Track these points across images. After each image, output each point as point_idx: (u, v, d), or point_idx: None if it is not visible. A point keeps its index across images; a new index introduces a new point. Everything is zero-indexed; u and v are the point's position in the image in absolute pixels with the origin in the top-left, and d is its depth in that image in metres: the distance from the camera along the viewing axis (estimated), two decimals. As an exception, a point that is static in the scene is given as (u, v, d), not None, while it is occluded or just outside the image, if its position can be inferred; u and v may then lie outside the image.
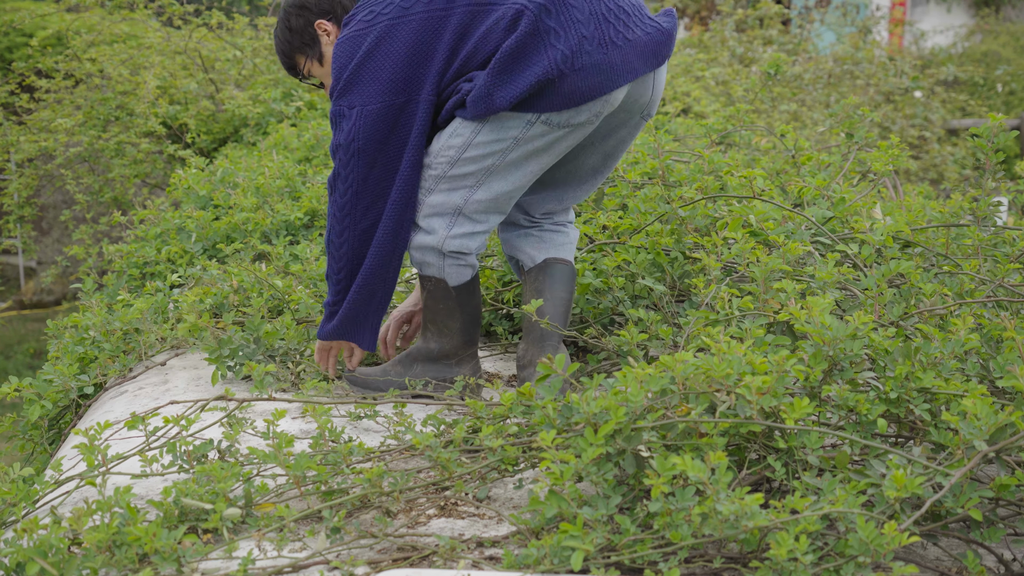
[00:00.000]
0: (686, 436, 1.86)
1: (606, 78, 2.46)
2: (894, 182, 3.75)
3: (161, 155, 7.16)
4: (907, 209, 3.22)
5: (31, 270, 10.44)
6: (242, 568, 1.76)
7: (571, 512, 1.75)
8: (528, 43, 2.41)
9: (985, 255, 2.80)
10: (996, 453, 1.83)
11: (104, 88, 7.15)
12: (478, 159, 2.52)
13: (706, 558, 1.78)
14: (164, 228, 4.02)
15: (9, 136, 7.31)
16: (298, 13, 2.75)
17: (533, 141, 2.51)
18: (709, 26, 11.05)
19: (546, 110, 2.46)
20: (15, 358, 8.61)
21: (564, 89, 2.43)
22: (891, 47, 13.43)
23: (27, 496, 2.01)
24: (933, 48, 14.12)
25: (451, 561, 1.82)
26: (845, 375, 1.97)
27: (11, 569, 1.75)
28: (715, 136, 3.91)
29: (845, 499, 1.68)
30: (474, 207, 2.57)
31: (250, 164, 4.76)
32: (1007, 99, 12.68)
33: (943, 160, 8.70)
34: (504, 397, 2.08)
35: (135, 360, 3.08)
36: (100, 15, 7.70)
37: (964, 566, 1.81)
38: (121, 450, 2.21)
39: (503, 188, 2.56)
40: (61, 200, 9.23)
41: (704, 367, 1.84)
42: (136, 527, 1.77)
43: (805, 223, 2.86)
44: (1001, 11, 17.11)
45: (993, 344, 2.25)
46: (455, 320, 2.66)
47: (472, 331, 2.69)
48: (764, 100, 7.46)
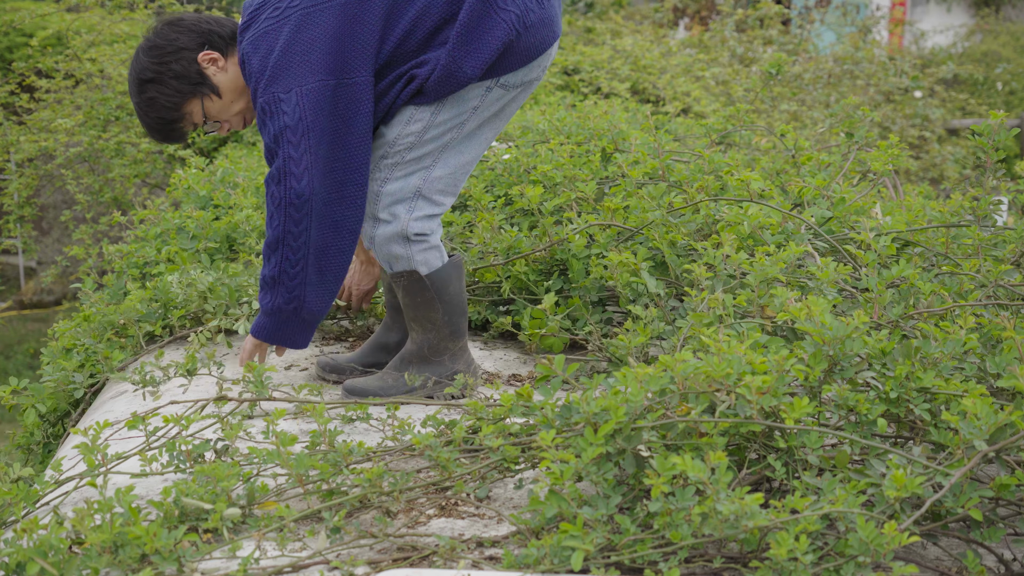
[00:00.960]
0: (686, 436, 1.86)
1: (549, 30, 2.56)
2: (894, 182, 3.75)
3: (161, 155, 7.16)
4: (907, 209, 3.22)
5: (31, 270, 10.44)
6: (242, 568, 1.76)
7: (571, 512, 1.75)
8: (480, 10, 2.45)
9: (985, 255, 2.80)
10: (996, 453, 1.82)
11: (104, 88, 7.15)
12: (437, 137, 2.55)
13: (706, 558, 1.78)
14: (164, 228, 4.02)
15: (9, 136, 7.31)
16: (176, 59, 2.57)
17: (490, 107, 2.56)
18: (709, 26, 11.05)
19: (503, 72, 2.52)
20: (15, 358, 8.60)
21: (520, 48, 2.51)
22: (891, 47, 13.43)
23: (27, 496, 2.01)
24: (933, 48, 14.12)
25: (451, 561, 1.82)
26: (845, 375, 1.97)
27: (11, 569, 1.75)
28: (715, 136, 3.91)
29: (845, 499, 1.68)
30: (432, 186, 2.57)
31: (250, 164, 4.76)
32: (1007, 98, 12.68)
33: (943, 160, 8.70)
34: (504, 397, 2.08)
35: (131, 355, 3.09)
36: (100, 15, 7.70)
37: (964, 566, 1.81)
38: (121, 450, 2.21)
39: (460, 161, 2.59)
40: (61, 200, 9.23)
41: (704, 367, 1.84)
42: (137, 527, 1.77)
43: (804, 224, 2.86)
44: (1001, 11, 17.11)
45: (992, 344, 2.25)
46: (435, 311, 2.65)
47: (457, 322, 2.68)
48: (764, 100, 7.46)
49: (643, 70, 8.07)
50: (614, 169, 3.55)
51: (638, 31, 9.98)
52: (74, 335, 3.17)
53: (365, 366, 2.84)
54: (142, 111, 2.62)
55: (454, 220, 3.59)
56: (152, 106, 2.60)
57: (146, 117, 2.62)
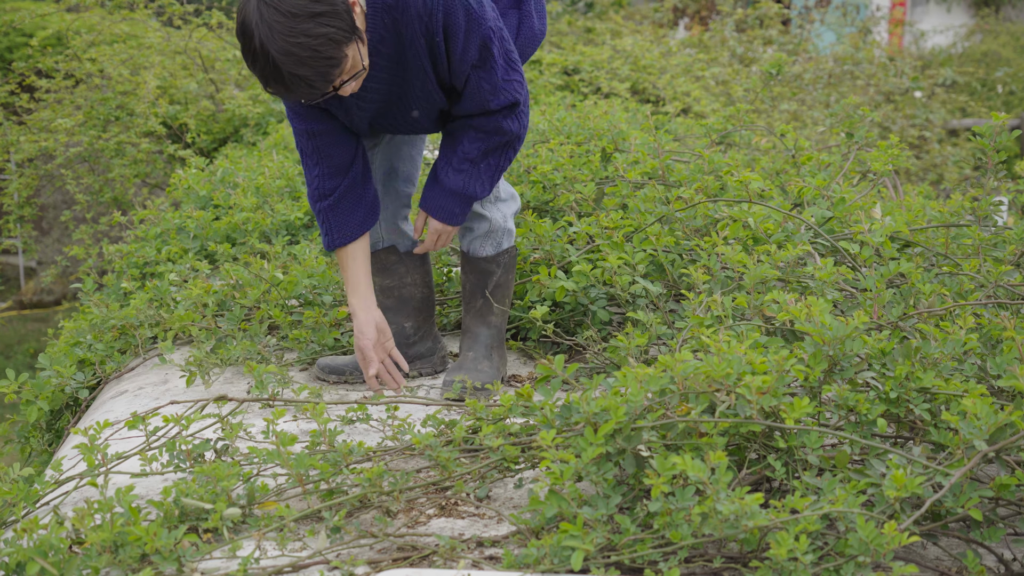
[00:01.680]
0: (686, 436, 1.86)
1: (537, 46, 2.80)
2: (894, 182, 3.75)
3: (161, 155, 7.17)
4: (907, 209, 3.22)
5: (31, 270, 10.44)
6: (242, 568, 1.76)
7: (571, 512, 1.75)
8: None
9: (985, 255, 2.80)
10: (996, 453, 1.82)
11: (104, 88, 7.16)
12: None
13: (706, 558, 1.78)
14: (164, 228, 4.02)
15: (9, 136, 7.31)
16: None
17: None
18: (709, 26, 11.05)
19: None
20: (15, 358, 8.61)
21: (528, 52, 2.77)
22: (891, 47, 13.43)
23: (27, 497, 2.01)
24: (933, 48, 14.13)
25: (451, 561, 1.82)
26: (845, 375, 1.97)
27: (11, 569, 1.75)
28: (715, 136, 3.91)
29: (845, 499, 1.68)
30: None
31: (250, 164, 4.77)
32: (1007, 99, 12.68)
33: (943, 160, 8.70)
34: (504, 397, 2.08)
35: (131, 357, 3.09)
36: (100, 15, 7.70)
37: (964, 566, 1.81)
38: (121, 450, 2.21)
39: None
40: (61, 200, 9.22)
41: (704, 367, 1.84)
42: (137, 527, 1.77)
43: (804, 224, 2.86)
44: (1001, 11, 17.12)
45: (991, 345, 2.25)
46: (512, 287, 2.89)
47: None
48: (764, 100, 7.46)
49: (643, 70, 8.08)
50: (613, 170, 3.55)
51: (638, 31, 9.98)
52: (74, 335, 3.17)
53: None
54: (308, 52, 2.17)
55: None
56: (326, 43, 2.17)
57: (313, 60, 2.18)
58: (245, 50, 2.21)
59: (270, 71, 2.19)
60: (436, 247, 2.72)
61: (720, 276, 2.63)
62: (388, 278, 2.84)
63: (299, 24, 2.15)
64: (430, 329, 2.90)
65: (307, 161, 2.60)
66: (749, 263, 2.44)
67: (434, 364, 2.91)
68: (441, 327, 3.25)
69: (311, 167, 2.60)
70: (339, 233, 2.61)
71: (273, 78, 2.21)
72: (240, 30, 2.20)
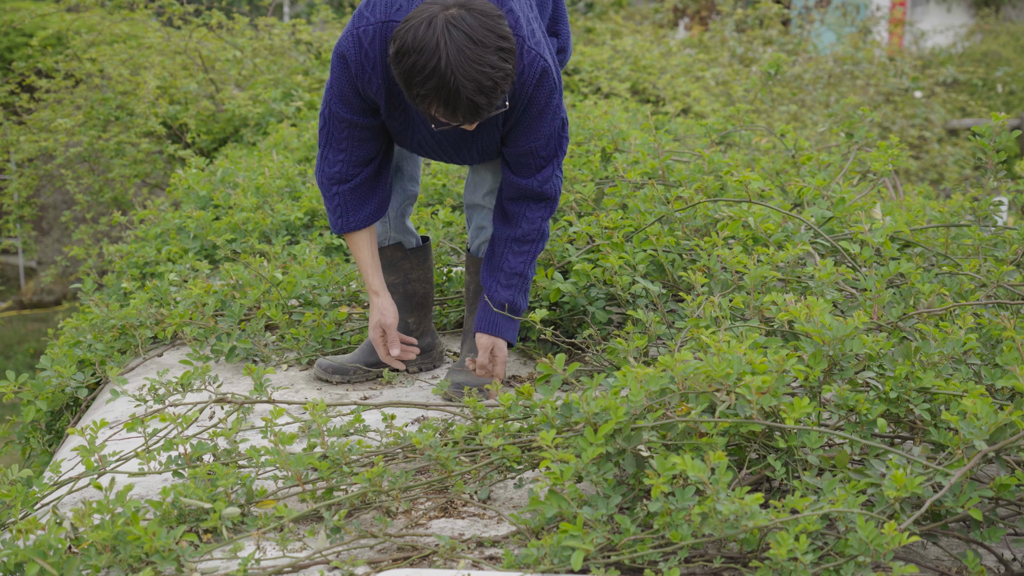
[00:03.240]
0: (686, 436, 1.86)
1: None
2: (894, 182, 3.75)
3: (161, 155, 7.16)
4: (907, 209, 3.22)
5: (31, 270, 10.44)
6: (242, 568, 1.76)
7: (571, 512, 1.75)
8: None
9: (985, 255, 2.80)
10: (996, 453, 1.82)
11: (104, 88, 7.15)
12: None
13: (706, 558, 1.78)
14: (164, 228, 4.02)
15: (9, 136, 7.31)
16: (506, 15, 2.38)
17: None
18: (709, 26, 11.05)
19: None
20: (15, 358, 8.60)
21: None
22: (891, 47, 13.43)
23: (26, 499, 2.01)
24: (933, 48, 14.12)
25: (451, 561, 1.82)
26: (845, 375, 1.97)
27: (11, 569, 1.75)
28: (715, 136, 3.91)
29: (845, 499, 1.68)
30: None
31: (250, 164, 4.76)
32: (1007, 99, 12.68)
33: (943, 160, 8.70)
34: (504, 397, 2.08)
35: (131, 357, 3.09)
36: (100, 15, 7.69)
37: (964, 566, 1.81)
38: (121, 450, 2.20)
39: None
40: (61, 200, 9.22)
41: (704, 367, 1.84)
42: (136, 527, 1.77)
43: (804, 224, 2.86)
44: (1001, 11, 17.12)
45: (991, 345, 2.25)
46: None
47: None
48: (764, 100, 7.46)
49: (643, 70, 8.08)
50: (613, 170, 3.55)
51: (638, 31, 9.98)
52: (74, 335, 3.17)
53: (368, 365, 2.85)
54: (491, 83, 2.25)
55: (454, 220, 3.59)
56: (505, 79, 2.28)
57: (492, 92, 2.27)
58: (418, 67, 2.22)
59: (446, 93, 2.23)
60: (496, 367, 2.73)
61: (720, 277, 2.63)
62: (393, 274, 2.89)
63: (487, 55, 2.22)
64: (429, 325, 2.96)
65: (335, 146, 2.60)
66: (749, 264, 2.44)
67: (433, 359, 2.97)
68: (441, 327, 3.27)
69: (337, 152, 2.60)
70: (353, 217, 2.65)
71: (445, 99, 2.24)
72: (416, 46, 2.22)
